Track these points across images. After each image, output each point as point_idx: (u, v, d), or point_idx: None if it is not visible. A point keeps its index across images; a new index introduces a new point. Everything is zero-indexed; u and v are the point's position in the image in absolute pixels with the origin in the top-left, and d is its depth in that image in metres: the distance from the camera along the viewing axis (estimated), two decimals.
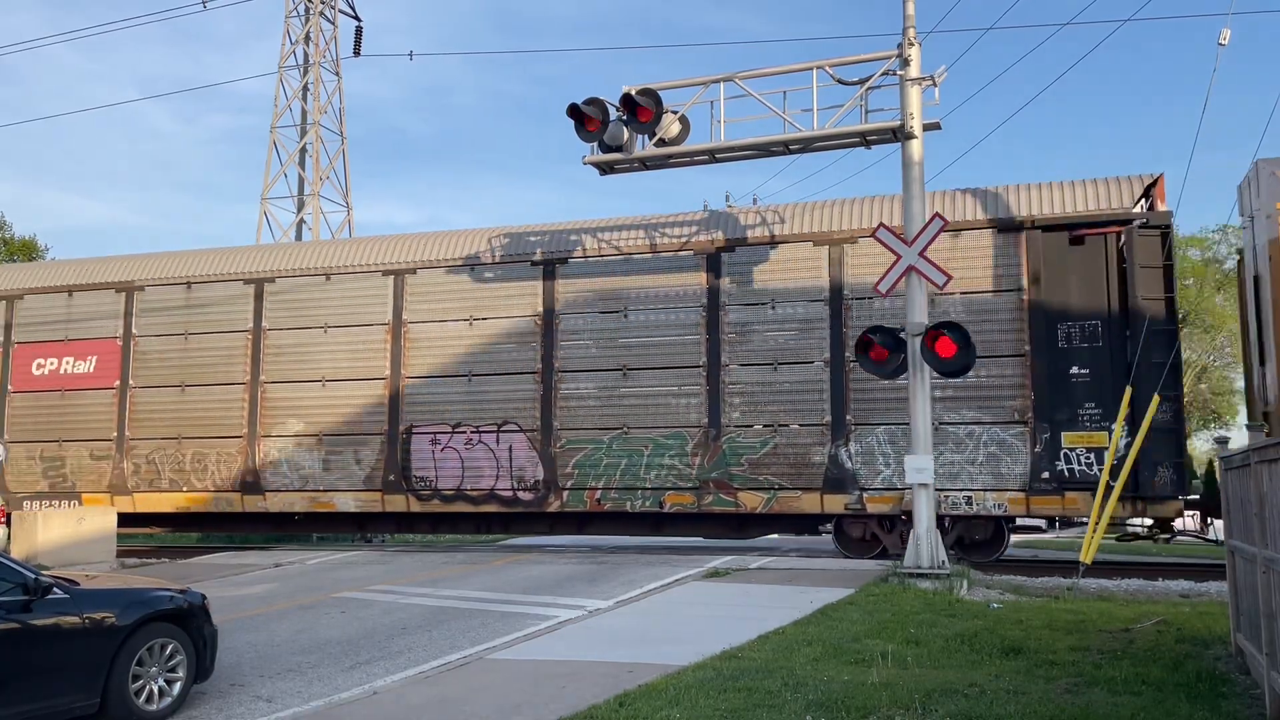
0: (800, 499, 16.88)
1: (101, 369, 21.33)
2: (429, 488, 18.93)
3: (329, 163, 40.27)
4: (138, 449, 20.87)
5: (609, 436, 17.96)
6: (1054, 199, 16.31)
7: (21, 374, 21.87)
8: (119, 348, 21.25)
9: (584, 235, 18.72)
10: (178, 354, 20.94)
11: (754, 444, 17.15)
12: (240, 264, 21.01)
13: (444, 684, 8.40)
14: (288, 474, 19.81)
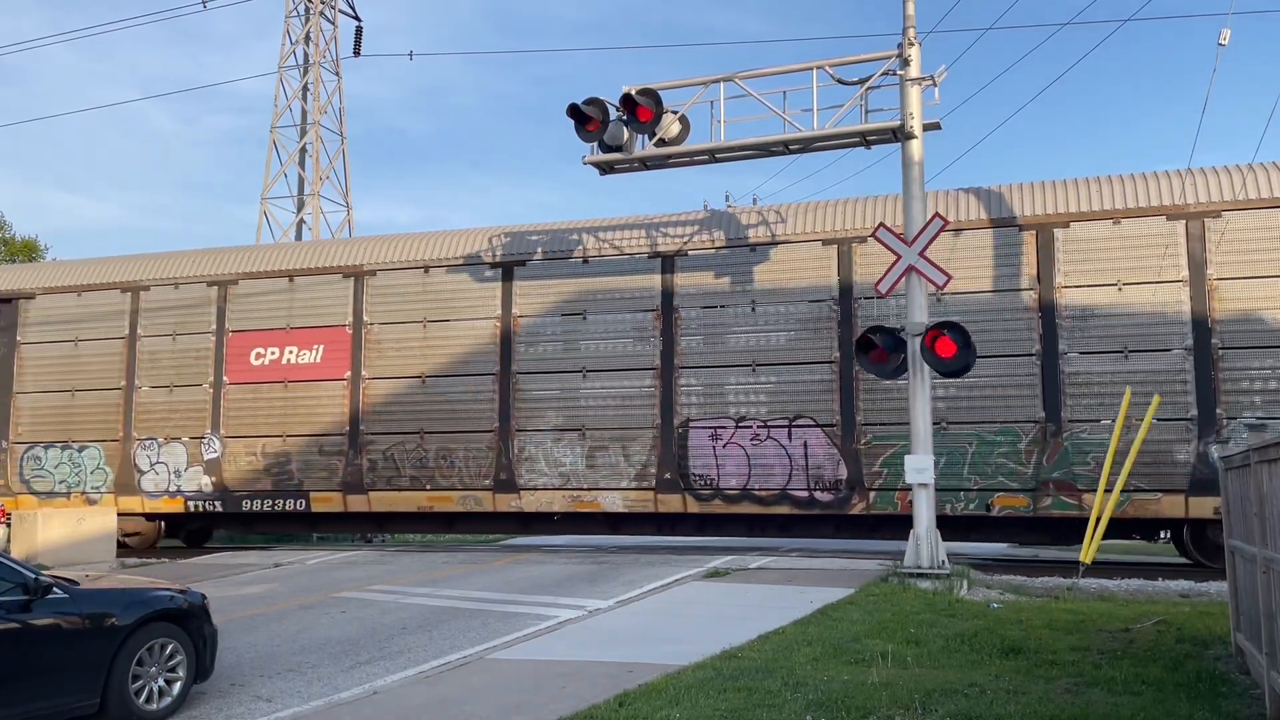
0: (1160, 502, 15.48)
1: (330, 359, 19.89)
2: (709, 486, 17.35)
3: (329, 163, 40.29)
4: (375, 444, 19.37)
5: None
6: None
7: (239, 364, 20.46)
8: (349, 336, 19.80)
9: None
10: (417, 343, 19.39)
11: (1103, 440, 15.30)
12: (476, 245, 19.42)
13: (444, 684, 8.40)
14: (546, 471, 18.34)
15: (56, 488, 21.08)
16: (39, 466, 21.35)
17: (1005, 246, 16.54)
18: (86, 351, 21.41)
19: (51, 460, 21.31)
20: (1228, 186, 15.71)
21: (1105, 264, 16.08)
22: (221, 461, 20.13)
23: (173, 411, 20.62)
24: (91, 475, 20.92)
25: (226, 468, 20.12)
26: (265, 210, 39.33)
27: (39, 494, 21.24)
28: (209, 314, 20.78)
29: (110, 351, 21.23)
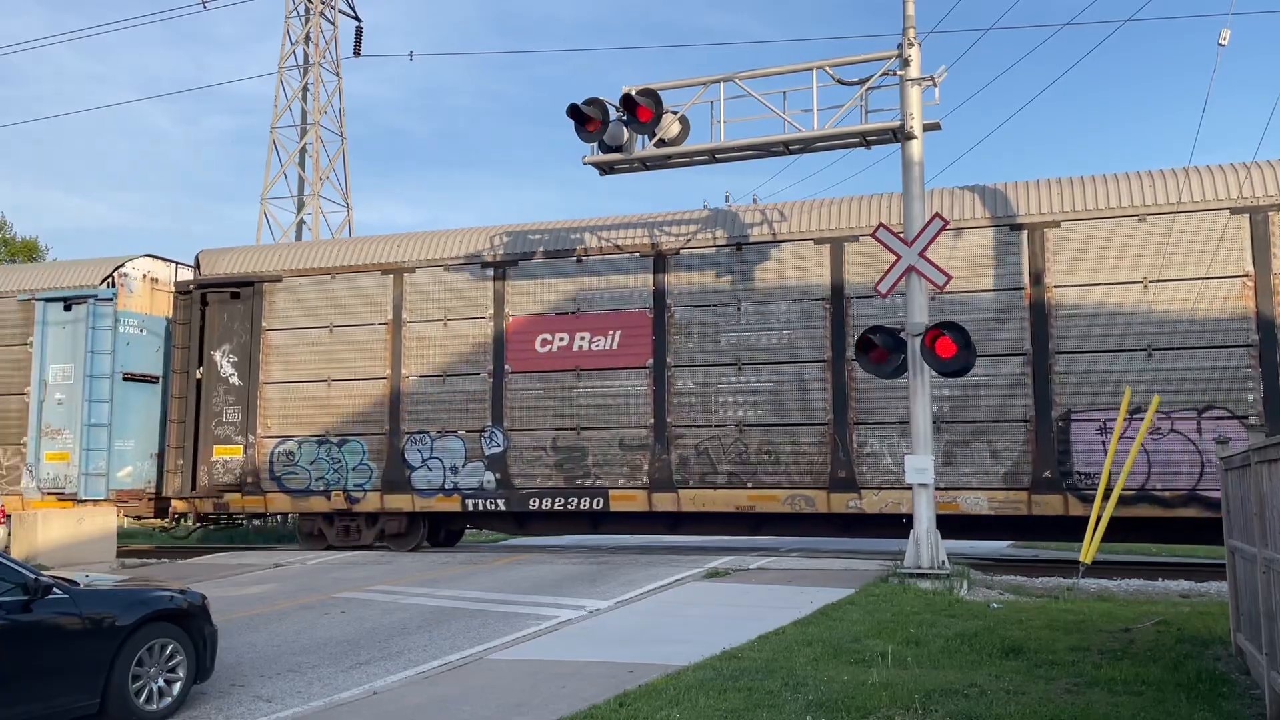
0: None
1: (628, 345, 17.96)
2: (1097, 486, 15.05)
3: (329, 163, 40.29)
4: (685, 438, 17.47)
5: None
6: None
7: (523, 352, 18.55)
8: (649, 321, 17.88)
9: None
10: (729, 327, 17.50)
11: None
12: (811, 222, 17.43)
13: (444, 684, 8.40)
14: (892, 468, 16.34)
15: (313, 485, 19.26)
16: (292, 463, 19.52)
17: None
18: (344, 338, 19.57)
19: (306, 455, 19.44)
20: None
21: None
22: (506, 457, 18.34)
23: (446, 402, 18.79)
24: (353, 472, 19.14)
25: (511, 463, 18.31)
26: (265, 210, 39.35)
27: (292, 492, 19.41)
28: (485, 297, 18.93)
29: (371, 338, 19.38)
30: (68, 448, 20.68)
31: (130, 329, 20.97)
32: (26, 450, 20.85)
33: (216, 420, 20.05)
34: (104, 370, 20.56)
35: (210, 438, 20.06)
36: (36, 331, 21.13)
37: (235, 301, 20.39)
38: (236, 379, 20.07)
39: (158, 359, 21.49)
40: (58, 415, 20.86)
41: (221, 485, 19.83)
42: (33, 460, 20.77)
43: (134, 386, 20.96)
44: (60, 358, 21.00)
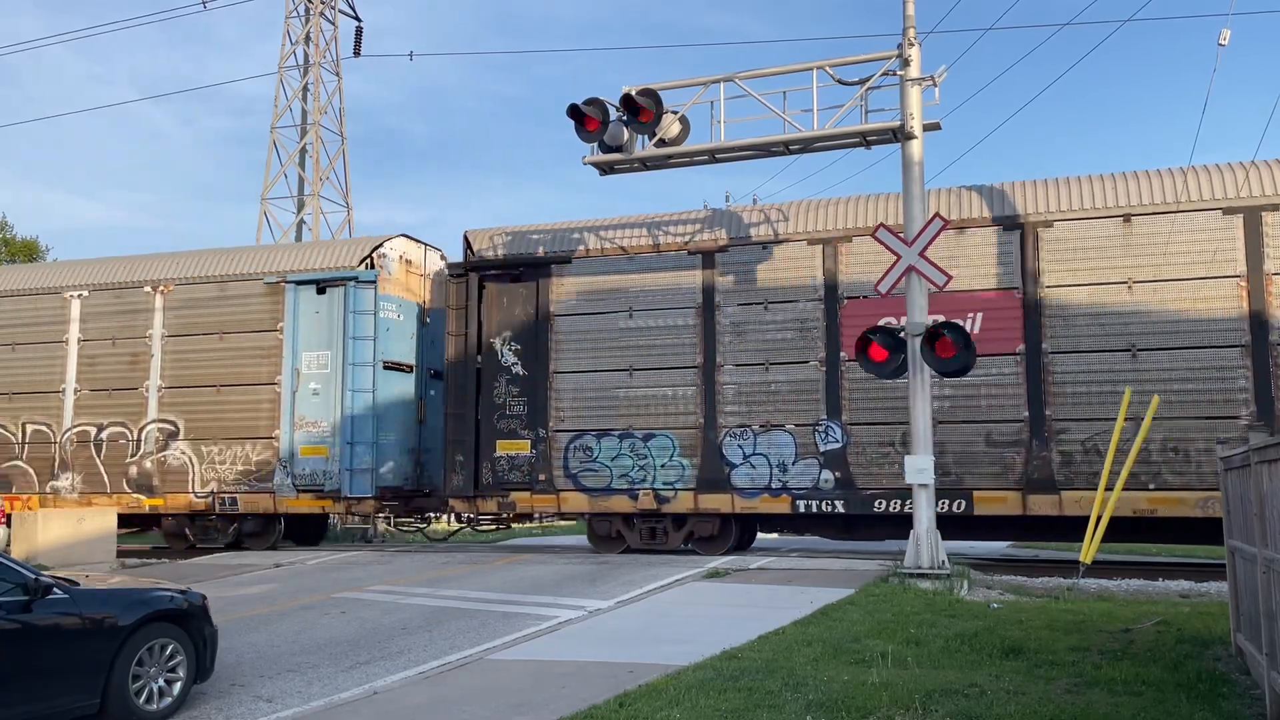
0: None
1: (993, 329, 15.97)
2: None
3: (329, 163, 40.31)
4: (1068, 433, 15.60)
5: None
6: None
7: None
8: (1017, 302, 16.00)
9: None
10: (1116, 307, 15.57)
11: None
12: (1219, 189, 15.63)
13: (444, 684, 8.40)
14: None
15: (614, 483, 17.63)
16: (590, 459, 17.96)
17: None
18: (646, 324, 17.83)
19: (606, 451, 17.86)
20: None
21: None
22: (845, 453, 16.64)
23: (770, 393, 17.03)
24: (661, 470, 17.50)
25: (852, 461, 16.59)
26: (265, 210, 39.36)
27: (590, 491, 17.78)
28: (813, 277, 17.13)
29: (680, 324, 17.74)
30: (325, 442, 19.25)
31: (388, 314, 19.64)
32: (279, 444, 19.49)
33: (499, 413, 18.51)
34: (366, 358, 19.23)
35: (493, 432, 18.54)
36: (287, 317, 19.73)
37: (516, 284, 18.76)
38: (520, 368, 18.51)
39: (411, 346, 20.20)
40: (313, 407, 19.40)
41: (507, 483, 18.38)
42: (286, 455, 19.39)
43: (392, 376, 19.70)
44: (314, 344, 19.60)
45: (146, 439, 20.48)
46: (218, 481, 19.87)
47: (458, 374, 18.98)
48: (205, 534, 20.31)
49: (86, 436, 20.90)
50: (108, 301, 21.23)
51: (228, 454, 19.92)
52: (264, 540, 20.15)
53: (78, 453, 20.92)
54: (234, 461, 19.87)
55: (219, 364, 20.25)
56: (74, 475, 20.83)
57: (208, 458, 20.00)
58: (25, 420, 21.35)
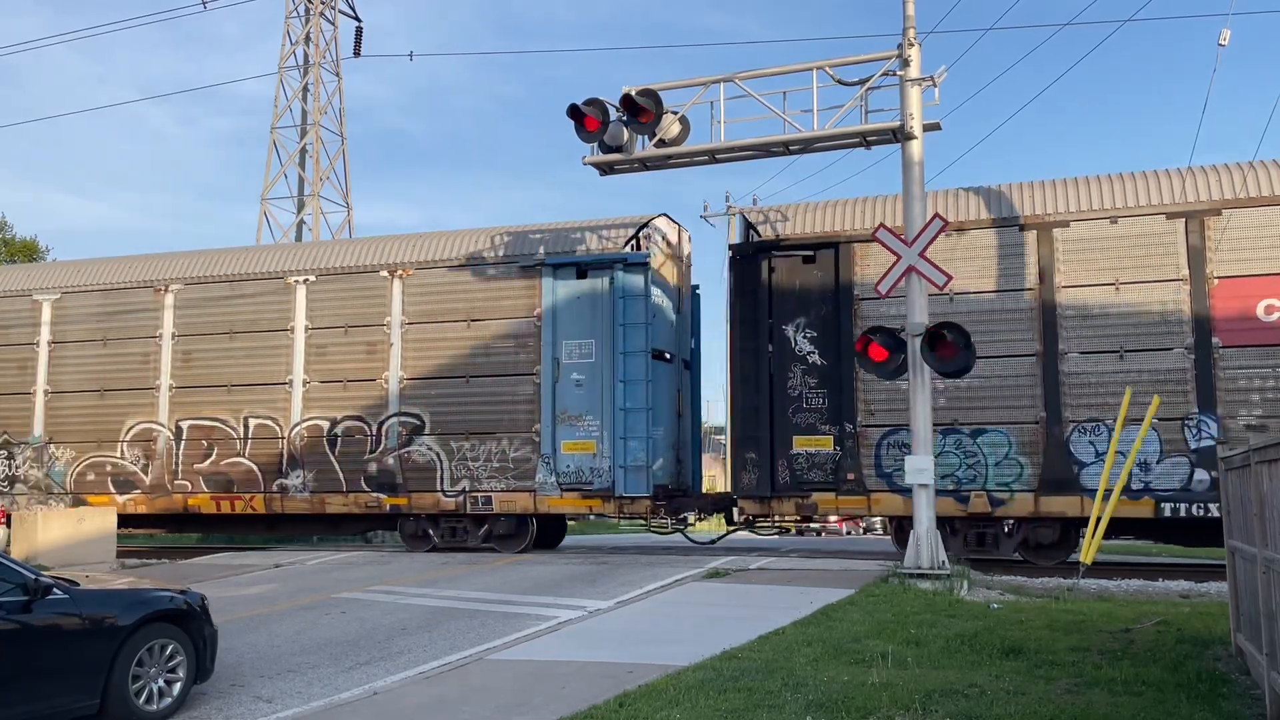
0: None
1: None
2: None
3: (329, 163, 40.30)
4: None
5: None
6: None
7: (1237, 321, 15.26)
8: None
9: None
10: None
11: None
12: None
13: (444, 684, 8.41)
14: None
15: (941, 483, 15.77)
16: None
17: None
18: (968, 306, 16.20)
19: None
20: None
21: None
22: None
23: (1124, 383, 15.32)
24: (995, 469, 15.96)
25: None
26: (265, 210, 39.35)
27: (904, 492, 15.56)
28: (1174, 254, 15.64)
29: (1011, 306, 16.25)
30: (592, 436, 17.83)
31: (656, 299, 18.27)
32: (539, 439, 18.06)
33: (795, 406, 17.04)
34: (637, 345, 17.80)
35: (788, 427, 17.01)
36: (545, 303, 18.35)
37: (810, 266, 17.28)
38: (818, 358, 16.93)
39: (671, 333, 18.87)
40: (576, 398, 17.96)
41: (807, 483, 16.83)
42: (548, 451, 17.98)
43: (658, 366, 18.28)
44: (575, 332, 18.10)
45: (388, 434, 18.95)
46: (469, 479, 18.38)
47: (746, 364, 17.41)
48: (452, 536, 18.76)
49: (319, 431, 19.33)
50: (339, 287, 19.69)
51: (480, 450, 18.44)
52: (515, 543, 18.42)
53: (309, 449, 19.36)
54: (488, 458, 18.38)
55: (467, 353, 18.77)
56: (305, 473, 19.30)
57: (458, 454, 18.50)
58: (247, 414, 19.87)
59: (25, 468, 21.19)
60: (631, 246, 18.24)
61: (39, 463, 21.07)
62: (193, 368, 20.34)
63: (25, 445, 21.26)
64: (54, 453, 21.05)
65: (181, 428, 20.23)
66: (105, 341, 20.89)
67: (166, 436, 20.28)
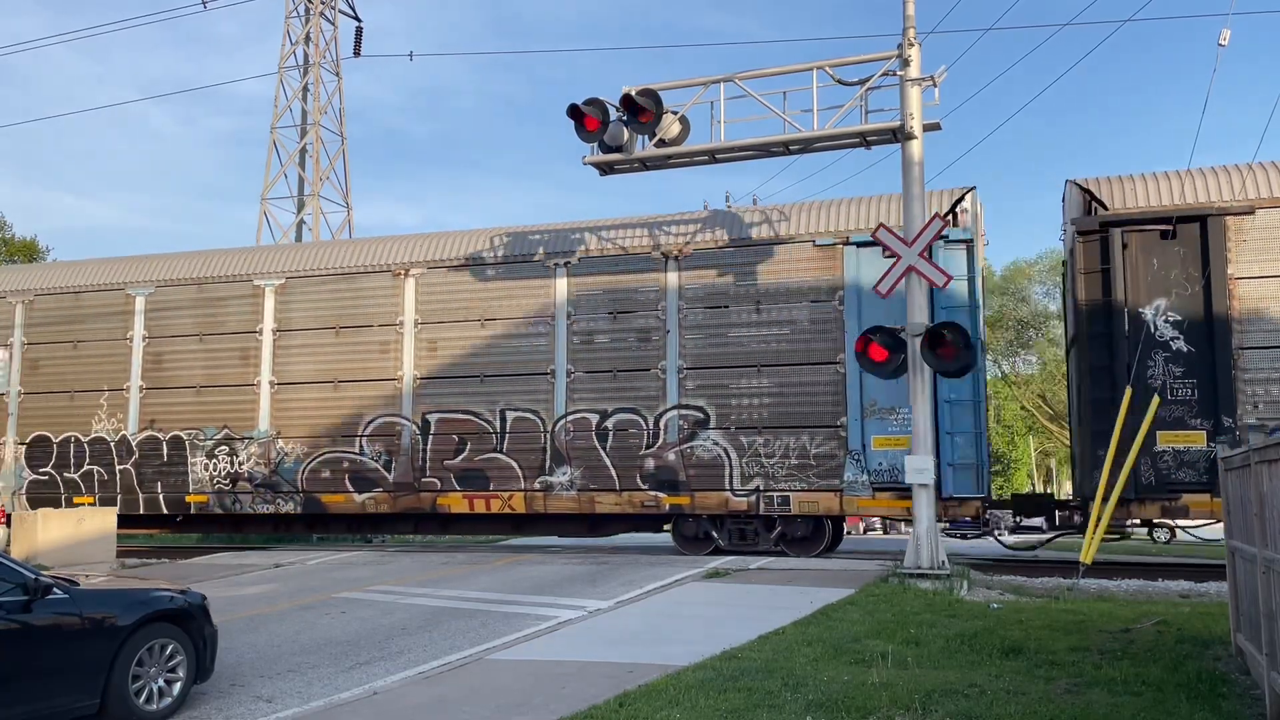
0: None
1: None
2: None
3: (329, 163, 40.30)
4: None
5: None
6: None
7: None
8: None
9: None
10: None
11: None
12: None
13: (444, 684, 8.41)
14: None
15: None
16: None
17: None
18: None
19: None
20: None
21: None
22: None
23: None
24: None
25: None
26: (265, 210, 39.35)
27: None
28: None
29: None
30: (905, 431, 15.98)
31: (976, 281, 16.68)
32: (846, 434, 16.60)
33: (1158, 398, 15.32)
34: None
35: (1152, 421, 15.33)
36: (848, 284, 16.90)
37: (1168, 242, 15.65)
38: (1183, 343, 15.31)
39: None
40: (886, 389, 16.27)
41: (1174, 483, 15.22)
42: (856, 447, 16.53)
43: None
44: (881, 316, 16.09)
45: (666, 428, 17.55)
46: (764, 478, 16.90)
47: (1096, 352, 15.80)
48: (740, 538, 17.39)
49: (587, 425, 17.81)
50: (605, 272, 18.25)
51: (775, 446, 16.98)
52: (810, 546, 17.01)
53: (575, 444, 17.97)
54: (785, 454, 16.87)
55: (757, 340, 17.26)
56: (571, 469, 17.91)
57: (749, 450, 17.01)
58: (504, 406, 18.39)
59: (250, 464, 19.81)
60: (949, 221, 16.32)
61: (265, 459, 19.71)
62: (439, 357, 18.92)
63: (250, 440, 19.85)
64: (282, 448, 19.69)
65: (429, 421, 18.78)
66: (338, 330, 19.62)
67: (412, 431, 18.84)
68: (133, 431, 20.61)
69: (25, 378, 21.55)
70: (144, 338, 20.78)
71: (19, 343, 21.69)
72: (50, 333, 21.51)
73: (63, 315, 21.52)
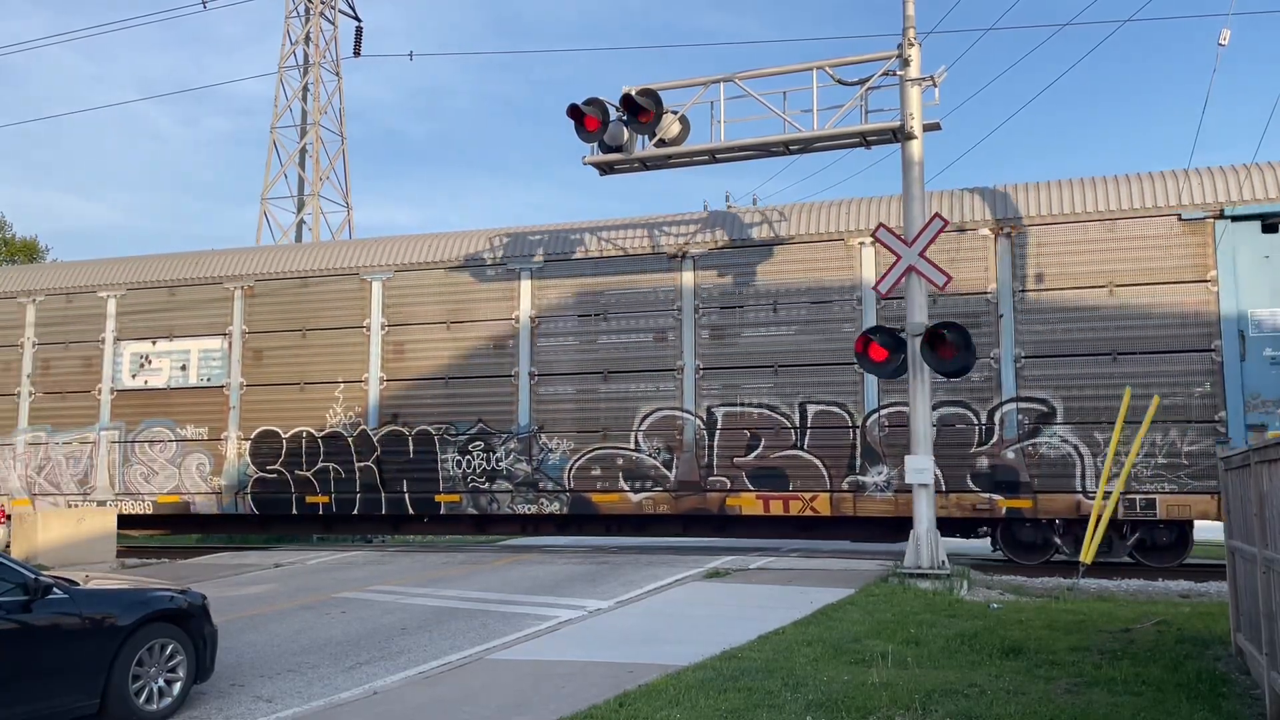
0: None
1: None
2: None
3: (329, 163, 40.29)
4: None
5: None
6: None
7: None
8: None
9: None
10: None
11: None
12: None
13: (444, 684, 8.40)
14: None
15: None
16: None
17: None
18: None
19: None
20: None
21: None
22: None
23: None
24: None
25: None
26: (265, 210, 39.33)
27: None
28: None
29: None
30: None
31: None
32: (1227, 429, 14.98)
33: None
34: None
35: None
36: (1221, 263, 15.12)
37: None
38: None
39: None
40: (1273, 380, 14.76)
41: None
42: (1239, 443, 14.42)
43: None
44: (1263, 299, 14.82)
45: (1003, 423, 15.99)
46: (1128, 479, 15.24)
47: None
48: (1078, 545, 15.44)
49: (905, 420, 15.24)
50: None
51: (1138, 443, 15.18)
52: (1169, 556, 15.65)
53: (892, 440, 16.33)
54: (1150, 452, 15.23)
55: (1110, 324, 15.63)
56: (886, 468, 16.42)
57: (1104, 447, 15.34)
58: (804, 400, 16.90)
59: (509, 461, 18.39)
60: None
61: (527, 455, 18.29)
62: (724, 345, 17.45)
63: (509, 436, 18.41)
64: (546, 444, 18.25)
65: (715, 415, 17.35)
66: (606, 316, 18.08)
67: (695, 426, 17.43)
68: (373, 426, 19.20)
69: (247, 369, 20.14)
70: (383, 326, 19.39)
71: (238, 331, 20.26)
72: (275, 321, 20.08)
73: (289, 303, 20.11)
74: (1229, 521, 8.89)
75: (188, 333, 20.66)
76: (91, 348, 21.26)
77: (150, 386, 20.78)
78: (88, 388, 21.18)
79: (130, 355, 20.98)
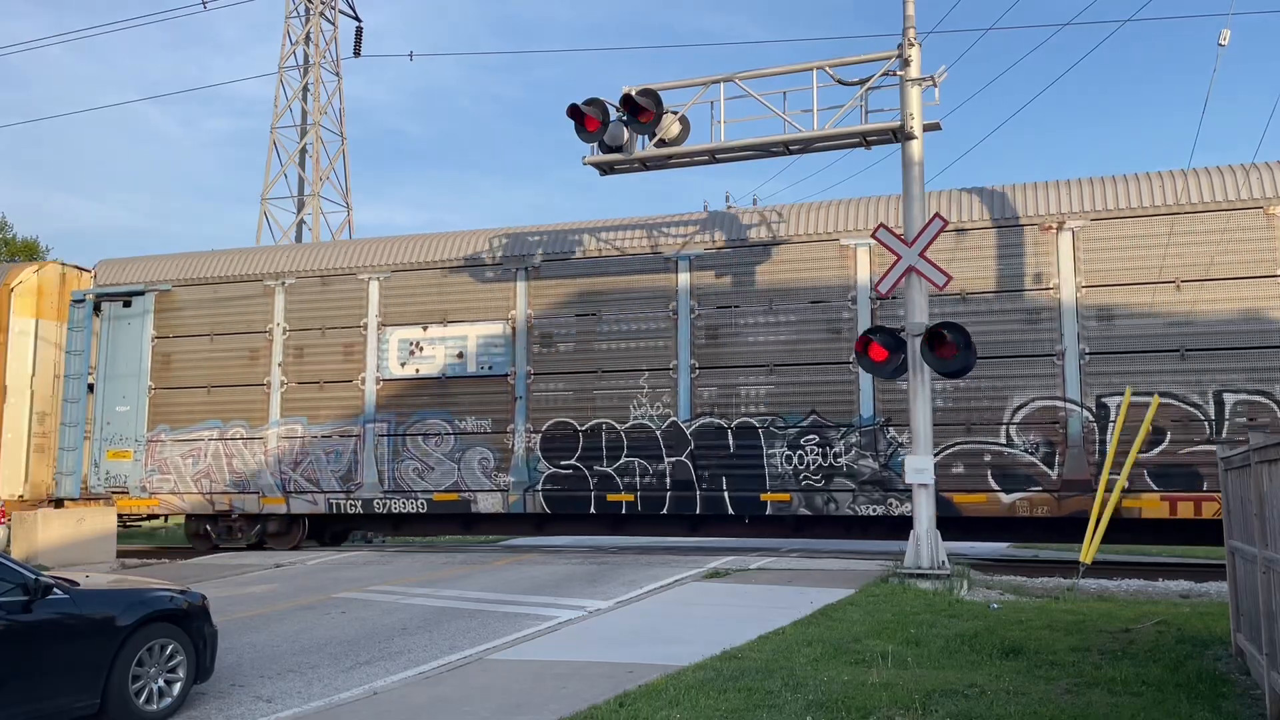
0: None
1: None
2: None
3: (329, 163, 40.32)
4: None
5: None
6: None
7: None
8: None
9: None
10: None
11: None
12: None
13: (444, 684, 8.40)
14: None
15: None
16: None
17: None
18: None
19: None
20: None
21: None
22: None
23: None
24: None
25: None
26: (265, 211, 39.36)
27: None
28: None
29: None
30: None
31: None
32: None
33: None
34: None
35: None
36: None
37: None
38: None
39: None
40: None
41: None
42: None
43: None
44: None
45: None
46: None
47: None
48: None
49: None
50: None
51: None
52: None
53: None
54: None
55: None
56: None
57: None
58: (1218, 388, 14.92)
59: (850, 457, 16.58)
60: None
61: (872, 450, 16.46)
62: (1116, 326, 15.51)
63: (849, 429, 16.62)
64: (894, 438, 16.34)
65: (1106, 406, 15.48)
66: (964, 297, 16.23)
67: (1083, 418, 15.51)
68: (685, 418, 17.52)
69: (536, 357, 18.48)
70: (691, 311, 17.69)
71: (523, 316, 18.65)
72: (566, 306, 18.46)
73: (580, 289, 18.45)
74: (1229, 521, 8.89)
75: (464, 318, 19.07)
76: (354, 334, 19.62)
77: (422, 375, 19.20)
78: (349, 377, 19.56)
79: (397, 341, 19.38)
